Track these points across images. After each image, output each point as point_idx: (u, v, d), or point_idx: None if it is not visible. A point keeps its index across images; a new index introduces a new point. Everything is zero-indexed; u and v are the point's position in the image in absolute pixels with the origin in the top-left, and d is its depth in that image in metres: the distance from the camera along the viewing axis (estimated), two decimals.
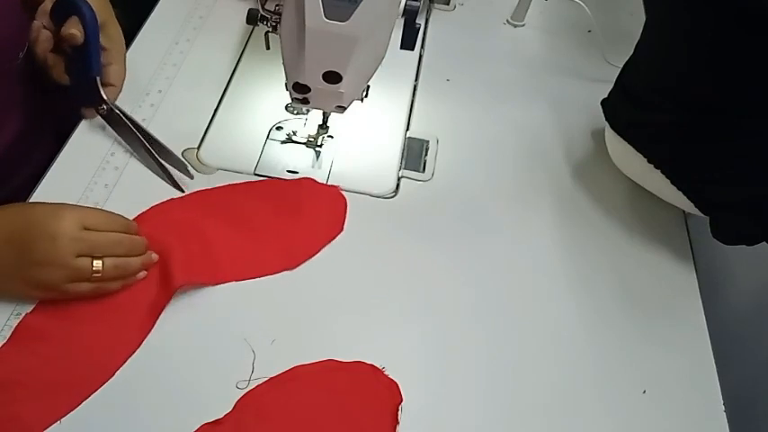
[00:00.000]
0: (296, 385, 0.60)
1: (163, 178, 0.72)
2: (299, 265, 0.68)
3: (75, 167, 0.72)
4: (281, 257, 0.68)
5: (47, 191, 0.70)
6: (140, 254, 0.63)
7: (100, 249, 0.59)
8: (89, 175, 0.71)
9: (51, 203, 0.62)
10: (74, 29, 0.68)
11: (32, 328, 0.60)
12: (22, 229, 0.58)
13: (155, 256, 0.64)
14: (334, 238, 0.71)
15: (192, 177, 0.72)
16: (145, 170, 0.73)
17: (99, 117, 0.74)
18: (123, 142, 0.74)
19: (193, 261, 0.65)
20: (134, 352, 0.60)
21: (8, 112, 0.71)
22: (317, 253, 0.69)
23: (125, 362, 0.59)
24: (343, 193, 0.74)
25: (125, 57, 0.78)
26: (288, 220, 0.71)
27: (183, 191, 0.72)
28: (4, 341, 0.59)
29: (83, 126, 0.76)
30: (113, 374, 0.58)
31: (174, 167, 0.72)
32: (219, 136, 0.78)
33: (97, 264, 0.59)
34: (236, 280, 0.66)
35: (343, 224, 0.72)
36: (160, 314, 0.62)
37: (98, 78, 0.72)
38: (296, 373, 0.60)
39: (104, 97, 0.73)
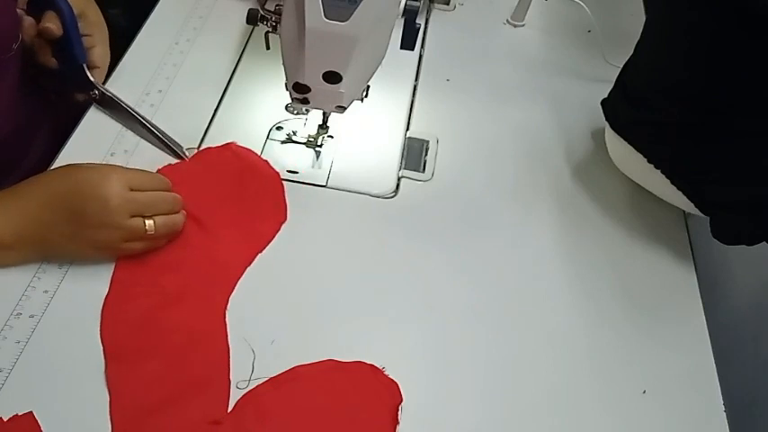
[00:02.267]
0: (296, 385, 0.60)
1: (164, 150, 0.74)
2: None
3: None
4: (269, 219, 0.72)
5: None
6: (179, 210, 0.66)
7: (148, 209, 0.62)
8: None
9: (96, 165, 0.65)
10: (50, 23, 0.69)
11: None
12: (71, 192, 0.60)
13: (185, 213, 0.67)
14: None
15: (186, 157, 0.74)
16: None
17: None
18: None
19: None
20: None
21: (4, 104, 0.71)
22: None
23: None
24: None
25: (107, 38, 0.78)
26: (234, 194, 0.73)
27: (185, 159, 0.74)
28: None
29: (82, 127, 0.76)
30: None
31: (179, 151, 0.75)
32: (219, 136, 0.78)
33: (149, 223, 0.62)
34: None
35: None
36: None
37: (85, 65, 0.73)
38: (296, 373, 0.60)
39: (94, 82, 0.74)
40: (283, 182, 0.75)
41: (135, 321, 0.61)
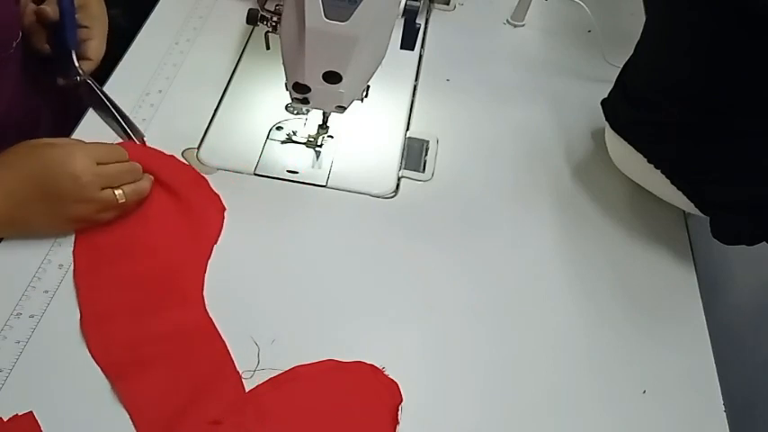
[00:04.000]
0: (296, 385, 0.60)
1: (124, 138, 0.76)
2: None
3: None
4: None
5: None
6: (141, 177, 0.68)
7: (116, 180, 0.65)
8: None
9: (59, 142, 0.65)
10: (47, 6, 0.71)
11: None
12: (42, 172, 0.62)
13: (151, 177, 0.69)
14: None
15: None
16: None
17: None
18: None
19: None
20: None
21: (5, 101, 0.71)
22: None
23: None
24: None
25: (105, 33, 0.79)
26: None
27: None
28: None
29: (82, 126, 0.76)
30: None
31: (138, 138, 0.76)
32: (219, 136, 0.78)
33: (119, 193, 0.65)
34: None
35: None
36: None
37: (73, 52, 0.75)
38: (296, 373, 0.60)
39: (78, 68, 0.76)
40: (283, 182, 0.75)
41: (121, 340, 0.60)
